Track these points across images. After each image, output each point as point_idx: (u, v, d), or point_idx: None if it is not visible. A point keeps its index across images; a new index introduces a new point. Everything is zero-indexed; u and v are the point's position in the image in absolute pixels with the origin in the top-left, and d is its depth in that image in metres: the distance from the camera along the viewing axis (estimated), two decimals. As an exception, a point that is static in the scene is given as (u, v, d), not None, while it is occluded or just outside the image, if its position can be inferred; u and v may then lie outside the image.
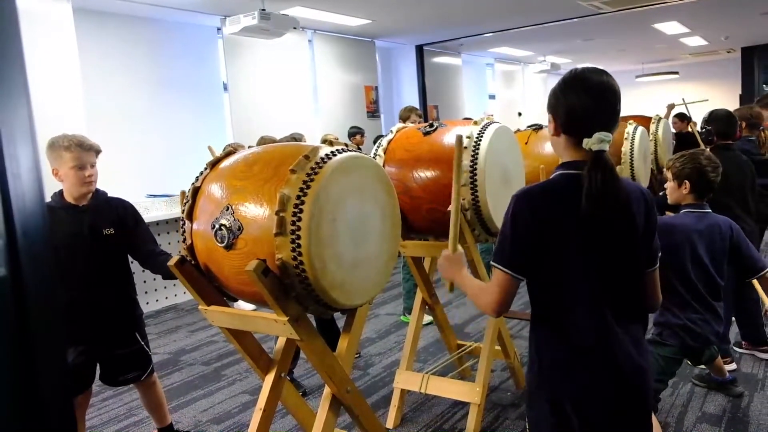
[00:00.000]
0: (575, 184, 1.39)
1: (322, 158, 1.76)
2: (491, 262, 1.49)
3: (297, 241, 1.66)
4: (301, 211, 1.67)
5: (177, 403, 3.41)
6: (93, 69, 5.41)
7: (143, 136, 5.98)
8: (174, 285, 5.68)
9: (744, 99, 11.42)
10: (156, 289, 5.54)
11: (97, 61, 5.58)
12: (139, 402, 3.39)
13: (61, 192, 2.48)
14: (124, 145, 5.63)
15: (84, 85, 4.90)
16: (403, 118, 5.17)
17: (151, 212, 5.49)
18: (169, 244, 5.58)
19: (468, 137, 2.58)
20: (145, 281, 5.25)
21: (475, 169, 2.54)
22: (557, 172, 1.48)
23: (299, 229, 1.66)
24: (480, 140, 2.58)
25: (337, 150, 1.83)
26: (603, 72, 1.45)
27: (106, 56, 5.74)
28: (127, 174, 5.49)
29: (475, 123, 2.69)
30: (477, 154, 2.55)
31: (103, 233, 2.48)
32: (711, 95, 12.22)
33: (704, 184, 2.46)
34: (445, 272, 1.72)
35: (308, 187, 1.69)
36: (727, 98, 12.08)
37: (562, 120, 1.45)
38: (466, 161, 2.54)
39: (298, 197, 1.68)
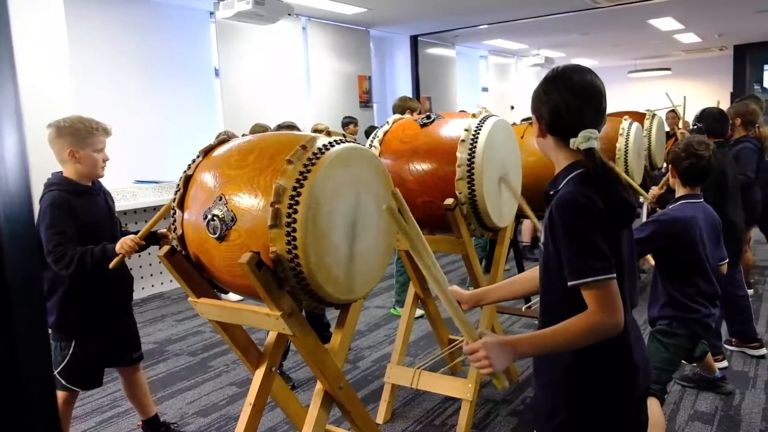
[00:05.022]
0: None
1: (320, 149, 1.71)
2: (583, 281, 1.30)
3: (292, 234, 1.61)
4: (297, 203, 1.61)
5: (162, 395, 3.35)
6: (82, 51, 5.27)
7: (132, 121, 5.85)
8: (161, 273, 5.61)
9: (735, 97, 11.45)
10: (142, 277, 5.45)
11: (86, 43, 5.43)
12: (122, 393, 3.33)
13: (61, 174, 2.40)
14: (112, 129, 5.51)
15: (72, 68, 4.78)
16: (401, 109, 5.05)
17: (138, 198, 5.39)
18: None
19: (466, 130, 2.53)
20: (131, 268, 5.16)
21: (473, 162, 2.49)
22: (572, 175, 1.39)
23: (295, 221, 1.60)
24: (478, 134, 2.53)
25: (335, 140, 1.77)
26: (587, 70, 1.40)
27: (96, 38, 5.60)
28: (114, 159, 5.35)
29: (473, 116, 2.65)
30: (475, 147, 2.50)
31: (115, 212, 2.61)
32: (702, 92, 12.22)
33: (699, 171, 2.46)
34: (500, 362, 1.30)
35: (305, 178, 1.64)
36: (717, 96, 12.09)
37: (546, 120, 1.41)
38: (464, 155, 2.50)
39: (294, 188, 1.62)
